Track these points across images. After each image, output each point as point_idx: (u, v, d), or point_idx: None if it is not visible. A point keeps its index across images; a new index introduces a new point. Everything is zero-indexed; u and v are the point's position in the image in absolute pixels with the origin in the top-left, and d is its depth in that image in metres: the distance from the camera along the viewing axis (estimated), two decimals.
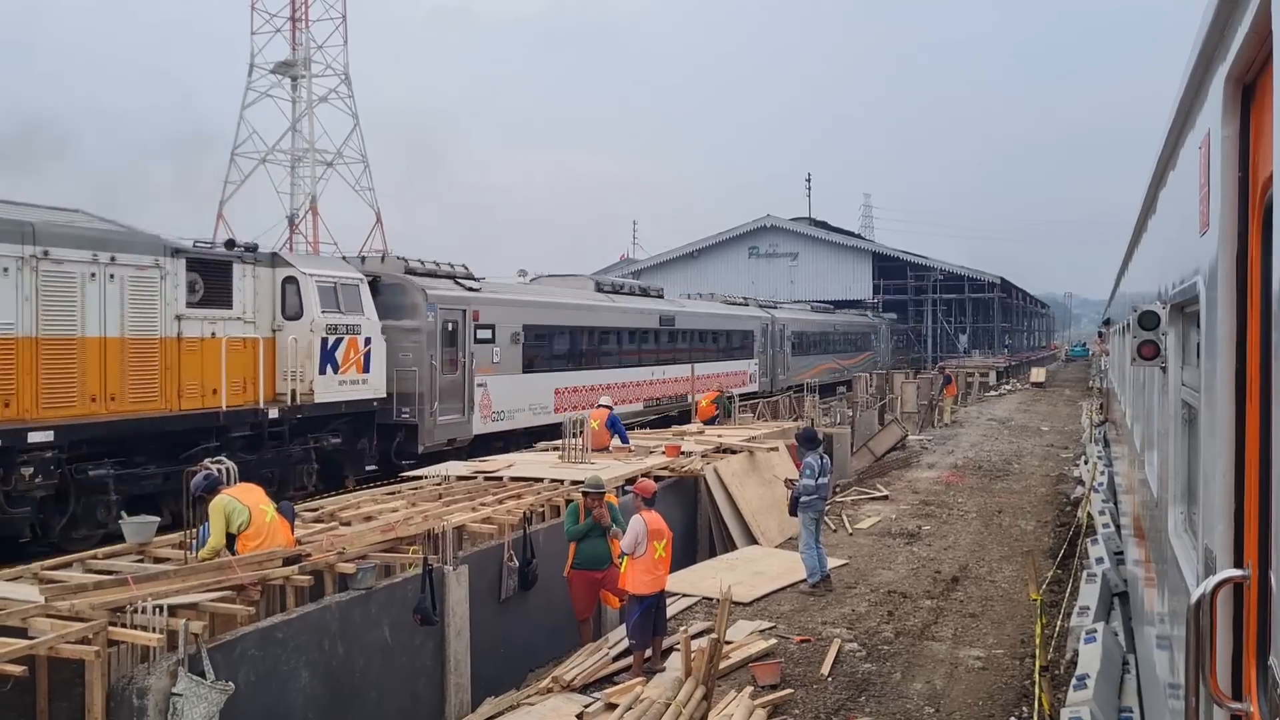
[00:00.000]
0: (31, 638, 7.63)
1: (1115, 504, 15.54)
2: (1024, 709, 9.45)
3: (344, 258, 23.08)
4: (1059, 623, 11.25)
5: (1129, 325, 6.11)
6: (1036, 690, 8.90)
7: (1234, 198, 2.71)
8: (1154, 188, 6.18)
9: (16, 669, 7.43)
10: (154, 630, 7.74)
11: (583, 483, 12.21)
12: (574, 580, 11.69)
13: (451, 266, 24.15)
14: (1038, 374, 63.18)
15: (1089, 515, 16.34)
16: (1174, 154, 4.58)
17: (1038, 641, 9.63)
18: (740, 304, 44.19)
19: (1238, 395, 2.71)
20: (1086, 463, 22.89)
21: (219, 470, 10.71)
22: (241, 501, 10.02)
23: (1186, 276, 3.79)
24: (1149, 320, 4.88)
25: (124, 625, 7.92)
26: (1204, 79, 3.22)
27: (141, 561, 10.50)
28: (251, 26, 59.64)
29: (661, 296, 36.85)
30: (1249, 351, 2.63)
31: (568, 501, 13.14)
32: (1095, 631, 9.10)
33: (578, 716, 8.95)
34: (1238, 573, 2.58)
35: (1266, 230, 2.35)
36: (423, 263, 23.18)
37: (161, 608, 8.04)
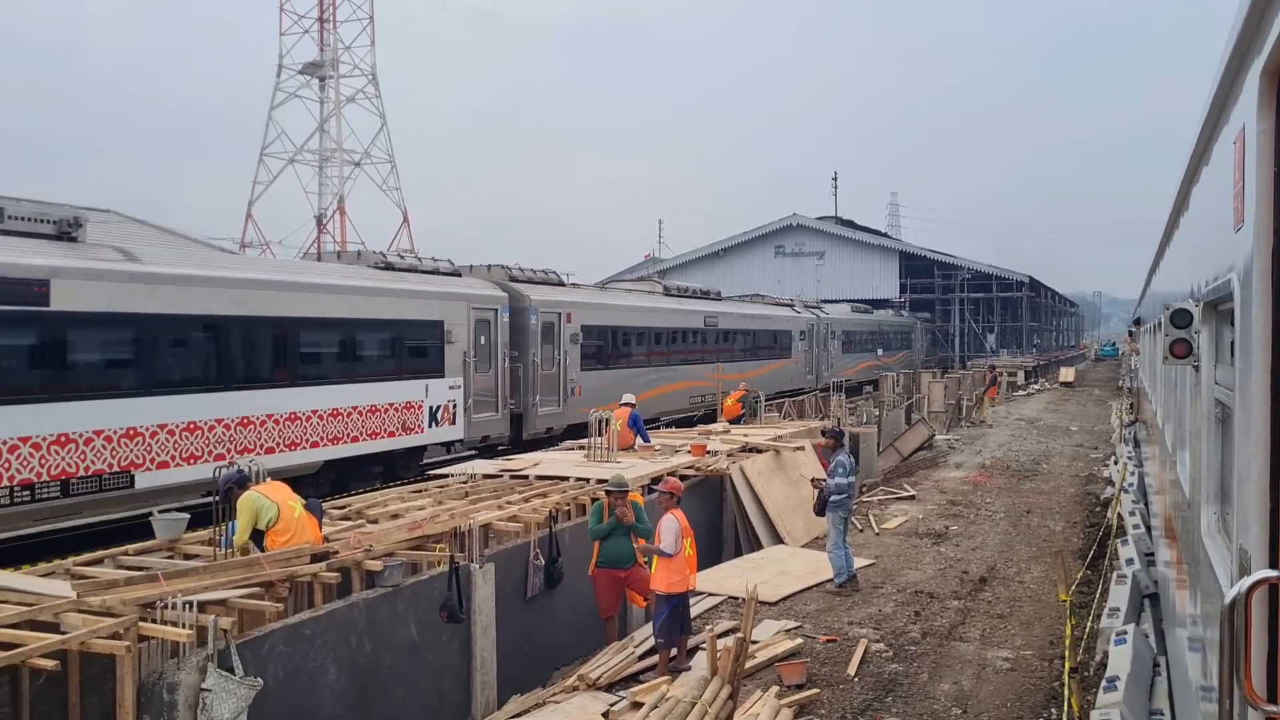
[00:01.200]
0: (64, 632, 7.71)
1: (1146, 505, 15.40)
2: (1053, 711, 9.39)
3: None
4: (1088, 624, 11.16)
5: (1160, 324, 6.06)
6: (1066, 692, 8.83)
7: (1269, 192, 2.68)
8: (1186, 184, 6.12)
9: (49, 663, 7.52)
10: (184, 626, 7.80)
11: (607, 481, 12.22)
12: (598, 579, 11.70)
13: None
14: (1067, 373, 62.65)
15: (1119, 516, 16.20)
16: (1207, 149, 4.52)
17: (1067, 643, 9.56)
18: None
19: (1274, 394, 2.68)
20: (1116, 463, 22.70)
21: (247, 466, 10.78)
22: (270, 498, 10.09)
23: (1220, 273, 3.74)
24: (1181, 318, 4.82)
25: (154, 621, 7.99)
26: (1238, 73, 3.18)
27: (171, 558, 10.59)
28: (280, 27, 60.06)
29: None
30: None
31: (593, 500, 13.15)
32: (1125, 633, 9.02)
33: (603, 715, 8.96)
34: (1273, 573, 2.55)
35: None
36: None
37: (191, 604, 8.10)
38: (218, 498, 10.85)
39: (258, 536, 10.01)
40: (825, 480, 13.62)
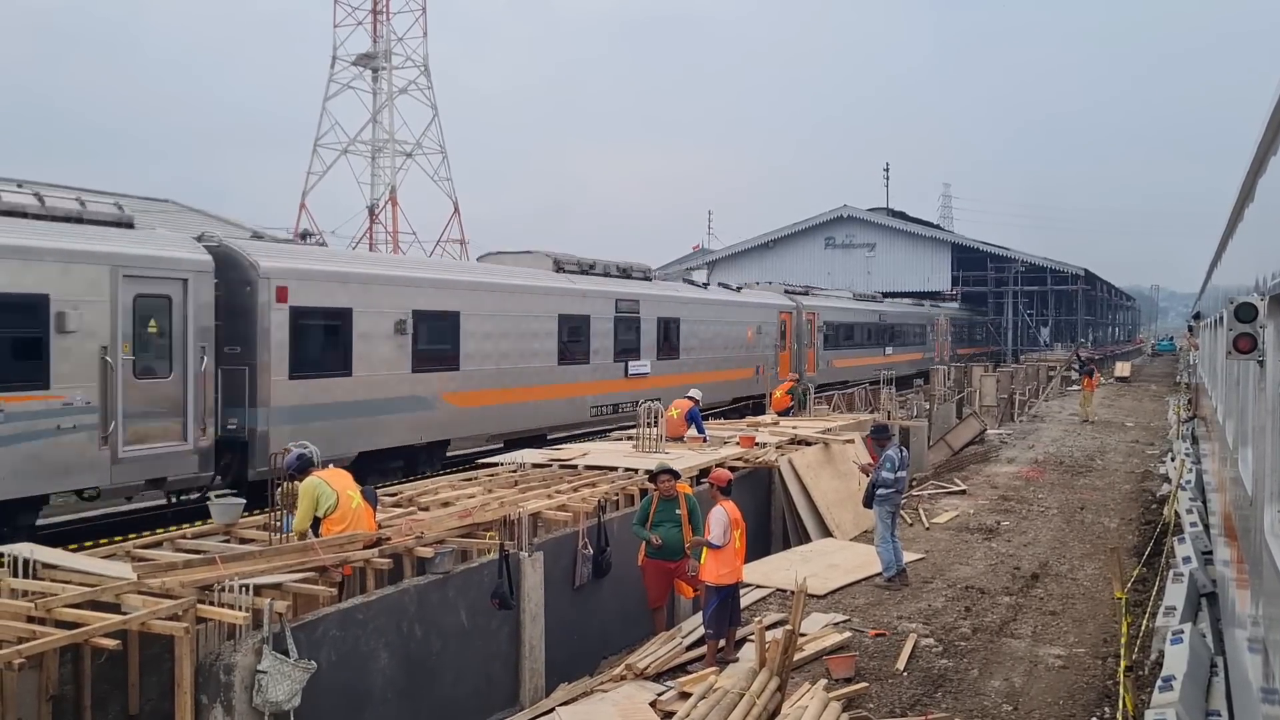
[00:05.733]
0: (124, 613, 7.85)
1: (1204, 502, 15.15)
2: (1106, 710, 9.28)
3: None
4: (1144, 623, 11.01)
5: (1223, 318, 5.95)
6: (1120, 691, 8.72)
7: None
8: (1252, 175, 5.99)
9: (111, 642, 7.67)
10: (240, 609, 7.91)
11: (652, 471, 12.20)
12: (647, 569, 11.74)
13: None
14: (1122, 368, 61.64)
15: (1176, 513, 15.93)
16: (1276, 139, 4.43)
17: (1122, 641, 9.45)
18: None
19: None
20: (1173, 459, 22.34)
21: (306, 450, 10.82)
22: (330, 485, 10.18)
23: None
24: (1246, 312, 4.74)
25: (212, 603, 8.10)
26: None
27: (228, 541, 10.76)
28: (334, 19, 60.63)
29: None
30: None
31: (642, 492, 13.17)
32: (1182, 632, 8.88)
33: (651, 704, 8.98)
34: None
35: None
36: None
37: (247, 587, 8.21)
38: (279, 480, 10.97)
39: (314, 524, 10.12)
40: (873, 466, 13.63)
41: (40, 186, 15.04)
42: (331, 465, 10.99)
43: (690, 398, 19.19)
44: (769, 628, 9.76)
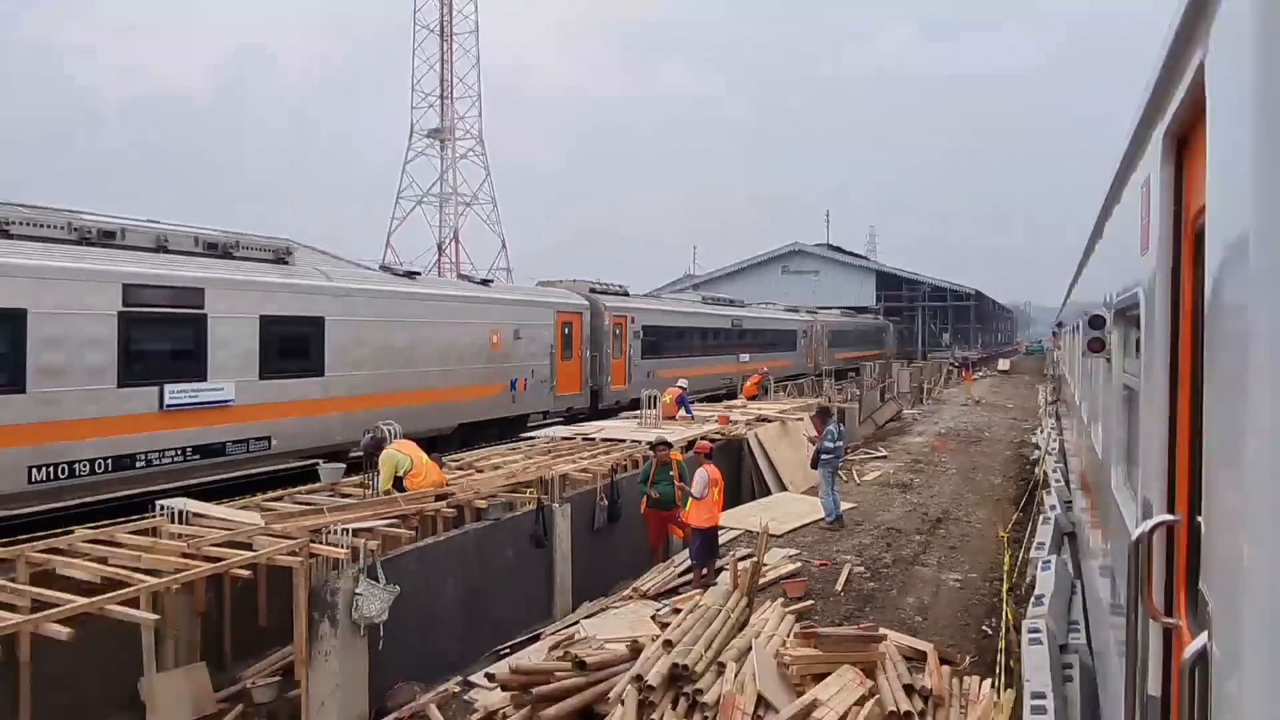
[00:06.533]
0: (255, 551, 7.89)
1: (1065, 464, 15.10)
2: (993, 620, 9.26)
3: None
4: (1021, 555, 10.98)
5: (1079, 326, 5.92)
6: (1004, 606, 8.72)
7: (1170, 225, 2.63)
8: (1101, 219, 5.97)
9: (245, 573, 7.70)
10: (342, 547, 7.94)
11: (651, 442, 12.22)
12: (648, 517, 11.75)
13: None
14: (1004, 364, 61.44)
15: (1044, 472, 15.90)
16: (1118, 192, 4.42)
17: (1005, 569, 9.44)
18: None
19: (1170, 380, 2.63)
20: (1042, 432, 22.28)
21: (387, 429, 10.87)
22: (403, 452, 10.22)
23: (1128, 287, 3.66)
24: (1097, 322, 4.73)
25: (320, 543, 8.14)
26: (1145, 135, 3.11)
27: (333, 496, 10.78)
28: (411, 103, 60.74)
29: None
30: (1181, 346, 2.55)
31: (645, 458, 13.16)
32: (1049, 562, 8.84)
33: (652, 617, 8.98)
34: (1170, 517, 2.50)
35: (1198, 250, 2.27)
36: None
37: (347, 530, 8.24)
38: (364, 454, 11.02)
39: (397, 482, 10.17)
40: (818, 438, 13.60)
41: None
42: (401, 439, 10.95)
43: (680, 387, 19.21)
44: (740, 560, 9.75)
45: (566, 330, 22.24)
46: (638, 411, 18.85)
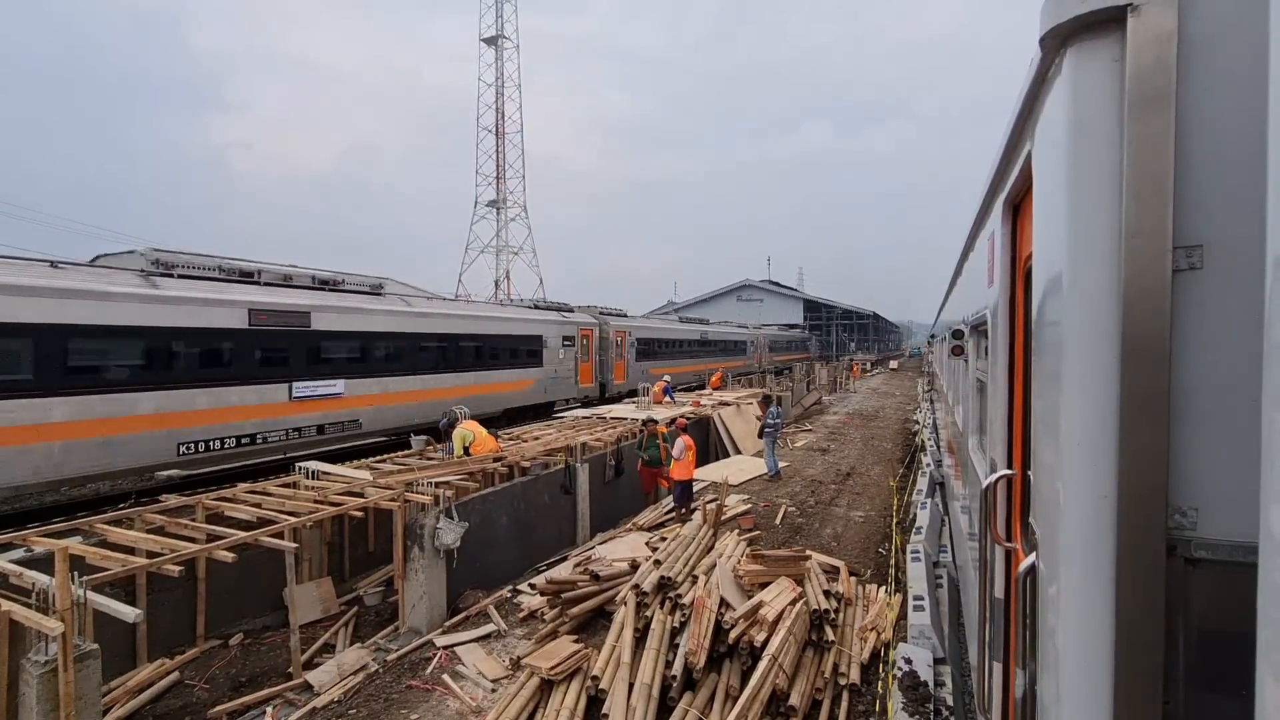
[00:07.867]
0: (366, 497, 7.86)
1: (936, 434, 15.08)
2: (886, 545, 9.24)
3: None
4: (906, 498, 10.97)
5: (947, 337, 5.93)
6: (893, 534, 8.70)
7: (1008, 266, 2.64)
8: (961, 260, 5.98)
9: (358, 513, 7.66)
10: (427, 495, 7.92)
11: (644, 419, 12.19)
12: (643, 473, 11.70)
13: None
14: (894, 364, 61.40)
15: (922, 440, 15.88)
16: (974, 241, 4.43)
17: (894, 508, 9.42)
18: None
19: (1009, 375, 2.64)
20: (921, 413, 22.27)
21: (458, 411, 10.82)
22: (469, 429, 10.17)
23: (980, 309, 3.68)
24: (959, 334, 4.74)
25: (412, 491, 8.11)
26: (991, 201, 3.12)
27: (420, 459, 10.74)
28: (475, 182, 60.71)
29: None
30: (1016, 351, 2.56)
31: (640, 431, 13.13)
32: (926, 503, 8.84)
33: (646, 544, 8.96)
34: (1009, 472, 2.51)
35: (1027, 284, 2.28)
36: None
37: (431, 483, 8.21)
38: (441, 430, 10.96)
39: (466, 450, 10.11)
40: (763, 419, 13.56)
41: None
42: (467, 419, 10.89)
43: (664, 381, 19.19)
44: (708, 503, 9.72)
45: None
46: (636, 398, 18.83)
